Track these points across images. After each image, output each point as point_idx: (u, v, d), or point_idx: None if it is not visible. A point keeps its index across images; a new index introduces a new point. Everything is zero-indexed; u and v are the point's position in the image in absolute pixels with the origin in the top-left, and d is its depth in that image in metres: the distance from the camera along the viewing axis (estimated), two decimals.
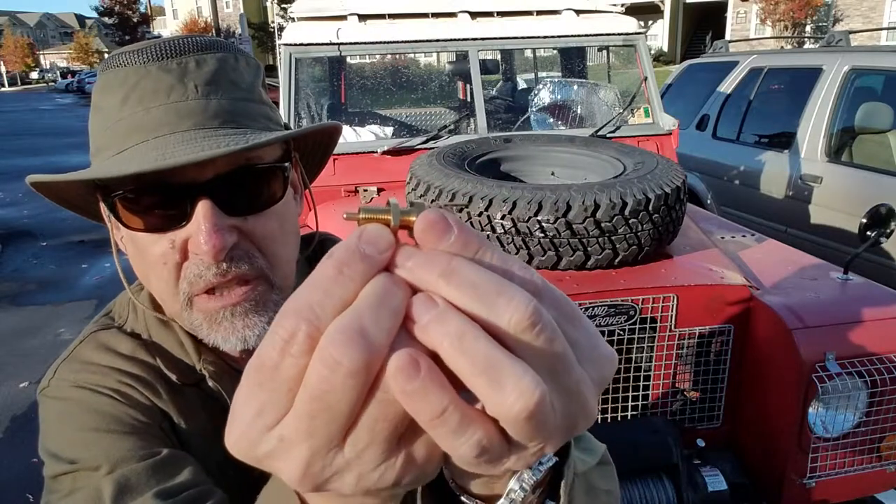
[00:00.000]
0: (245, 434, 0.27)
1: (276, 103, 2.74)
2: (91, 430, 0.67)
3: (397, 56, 3.22)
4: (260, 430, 0.27)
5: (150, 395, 0.71)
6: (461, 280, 0.26)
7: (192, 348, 0.74)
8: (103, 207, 0.70)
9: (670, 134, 2.85)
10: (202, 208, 0.63)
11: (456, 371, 0.25)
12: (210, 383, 0.74)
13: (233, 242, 0.65)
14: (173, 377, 0.73)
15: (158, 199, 0.65)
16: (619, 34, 2.90)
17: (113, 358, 0.73)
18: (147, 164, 0.60)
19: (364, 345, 0.24)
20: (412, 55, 3.33)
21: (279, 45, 2.70)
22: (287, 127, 0.77)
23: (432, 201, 1.84)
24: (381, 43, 2.71)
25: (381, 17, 2.79)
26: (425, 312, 0.25)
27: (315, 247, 0.86)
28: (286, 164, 0.71)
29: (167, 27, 56.72)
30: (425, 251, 0.27)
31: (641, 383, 1.78)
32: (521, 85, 4.26)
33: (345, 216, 0.28)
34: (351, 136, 2.71)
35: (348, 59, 3.43)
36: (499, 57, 4.13)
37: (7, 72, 63.65)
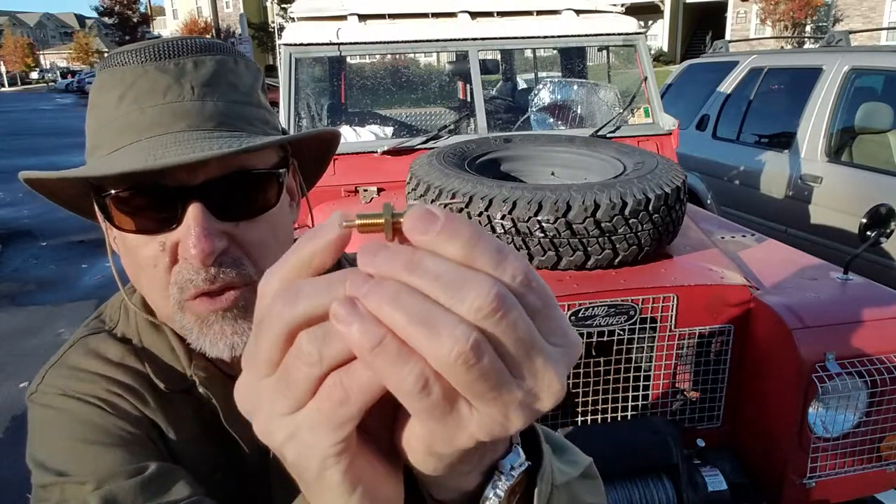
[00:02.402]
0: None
1: (276, 103, 2.75)
2: (78, 442, 0.66)
3: (397, 56, 3.22)
4: (245, 359, 0.32)
5: (139, 405, 0.71)
6: (423, 271, 0.27)
7: (184, 353, 0.73)
8: (96, 207, 0.69)
9: (670, 134, 2.85)
10: (193, 211, 0.63)
11: (395, 328, 0.26)
12: (201, 390, 0.72)
13: (222, 248, 0.64)
14: (162, 385, 0.72)
15: (150, 200, 0.64)
16: (619, 34, 2.90)
17: (101, 364, 0.72)
18: (136, 164, 0.59)
19: (292, 296, 0.28)
20: (412, 55, 3.33)
21: (279, 45, 2.70)
22: (285, 131, 0.76)
23: (432, 201, 1.84)
24: (381, 43, 2.71)
25: (381, 17, 2.79)
26: (362, 284, 0.27)
27: None
28: (281, 170, 0.70)
29: (167, 27, 56.71)
30: (391, 247, 0.28)
31: (641, 383, 1.78)
32: (521, 85, 4.26)
33: (343, 225, 0.29)
34: (351, 136, 2.71)
35: (348, 59, 3.43)
36: (499, 57, 4.13)
37: (7, 72, 63.63)
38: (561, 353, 0.29)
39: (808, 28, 22.30)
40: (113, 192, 0.64)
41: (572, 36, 2.87)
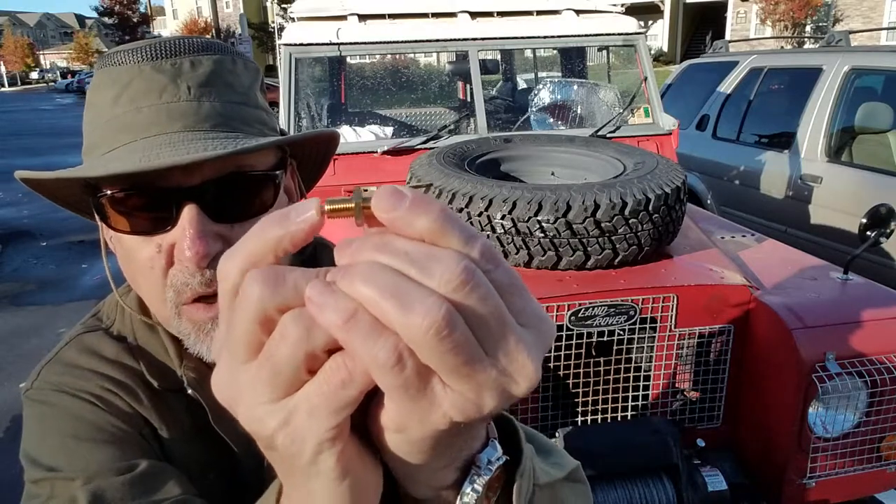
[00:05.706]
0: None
1: (276, 103, 2.75)
2: (70, 438, 0.66)
3: (397, 56, 3.22)
4: (217, 348, 0.32)
5: (132, 402, 0.71)
6: (393, 249, 0.28)
7: (175, 354, 0.73)
8: (92, 208, 0.68)
9: (670, 134, 2.85)
10: (188, 213, 0.62)
11: (368, 304, 0.27)
12: (189, 391, 0.72)
13: (217, 250, 0.63)
14: (156, 383, 0.72)
15: (145, 201, 0.63)
16: (619, 34, 2.90)
17: (96, 362, 0.72)
18: (129, 166, 0.59)
19: (273, 280, 0.28)
20: (412, 55, 3.33)
21: (279, 45, 2.70)
22: (283, 132, 0.75)
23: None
24: (381, 43, 2.71)
25: (381, 17, 2.79)
26: (338, 272, 0.28)
27: (310, 253, 0.85)
28: (278, 171, 0.69)
29: (167, 27, 56.73)
30: (363, 236, 0.29)
31: (641, 383, 1.78)
32: (521, 85, 4.26)
33: (325, 211, 0.30)
34: (351, 136, 2.71)
35: (348, 59, 3.43)
36: (499, 57, 4.13)
37: (7, 72, 63.56)
38: (533, 335, 0.29)
39: (808, 28, 22.30)
40: (108, 192, 0.63)
41: (572, 36, 2.87)
